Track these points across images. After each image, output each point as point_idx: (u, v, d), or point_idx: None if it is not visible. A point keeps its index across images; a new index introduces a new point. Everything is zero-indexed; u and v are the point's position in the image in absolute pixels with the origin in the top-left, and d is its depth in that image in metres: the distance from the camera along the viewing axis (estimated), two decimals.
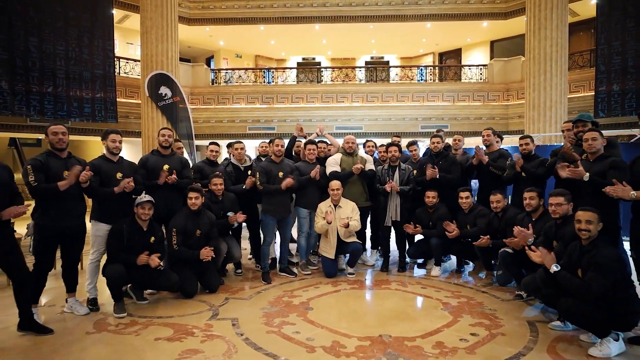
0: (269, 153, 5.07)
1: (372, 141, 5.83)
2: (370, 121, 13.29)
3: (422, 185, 5.06)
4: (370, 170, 5.06)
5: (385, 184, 4.88)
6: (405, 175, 4.97)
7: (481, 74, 13.67)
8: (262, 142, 5.88)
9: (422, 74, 14.75)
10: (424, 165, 5.14)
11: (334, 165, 5.02)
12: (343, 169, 5.01)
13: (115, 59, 10.59)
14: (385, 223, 4.98)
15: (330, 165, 5.02)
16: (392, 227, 5.04)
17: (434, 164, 5.02)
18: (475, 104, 13.13)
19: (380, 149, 5.58)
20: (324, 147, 5.34)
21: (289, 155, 5.36)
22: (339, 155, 5.13)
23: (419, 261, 5.37)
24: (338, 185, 4.80)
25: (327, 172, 4.99)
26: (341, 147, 5.26)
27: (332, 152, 5.41)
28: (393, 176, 4.92)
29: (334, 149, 5.47)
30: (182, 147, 5.81)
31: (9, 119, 9.39)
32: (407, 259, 5.24)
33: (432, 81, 14.47)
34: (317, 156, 5.16)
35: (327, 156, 5.25)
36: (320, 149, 5.26)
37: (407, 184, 4.93)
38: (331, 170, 4.98)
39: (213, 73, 14.25)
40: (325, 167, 5.04)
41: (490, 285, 4.48)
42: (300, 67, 16.31)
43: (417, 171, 5.11)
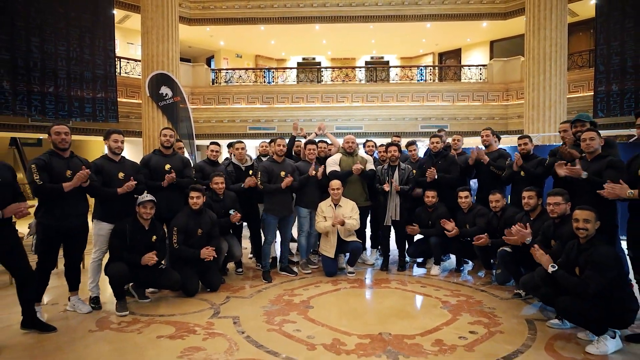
0: (270, 153, 5.09)
1: (372, 141, 5.85)
2: (370, 121, 13.31)
3: (421, 185, 5.10)
4: (371, 170, 5.09)
5: (384, 184, 4.91)
6: (405, 175, 4.99)
7: (481, 74, 13.68)
8: (263, 142, 5.91)
9: (422, 74, 14.77)
10: (423, 165, 5.17)
11: (333, 165, 5.04)
12: (343, 169, 5.04)
13: (116, 59, 10.62)
14: (385, 222, 5.00)
15: (330, 166, 5.04)
16: (392, 227, 5.07)
17: (433, 164, 5.05)
18: (474, 104, 13.15)
19: (380, 149, 5.60)
20: (324, 147, 5.36)
21: (289, 155, 5.37)
22: (338, 156, 5.15)
23: (418, 260, 5.40)
24: (338, 185, 4.82)
25: (326, 171, 5.01)
26: (341, 147, 5.28)
27: (332, 152, 5.42)
28: (392, 176, 4.95)
29: (335, 148, 5.49)
30: (183, 147, 5.83)
31: (10, 119, 9.40)
32: (407, 258, 5.27)
33: (432, 81, 14.48)
34: (317, 156, 5.18)
35: (327, 156, 5.27)
36: (321, 149, 5.28)
37: (406, 184, 4.95)
38: (330, 170, 5.01)
39: (213, 73, 14.26)
40: (325, 167, 5.06)
41: (489, 284, 4.51)
42: (300, 67, 16.32)
43: (416, 171, 5.14)
